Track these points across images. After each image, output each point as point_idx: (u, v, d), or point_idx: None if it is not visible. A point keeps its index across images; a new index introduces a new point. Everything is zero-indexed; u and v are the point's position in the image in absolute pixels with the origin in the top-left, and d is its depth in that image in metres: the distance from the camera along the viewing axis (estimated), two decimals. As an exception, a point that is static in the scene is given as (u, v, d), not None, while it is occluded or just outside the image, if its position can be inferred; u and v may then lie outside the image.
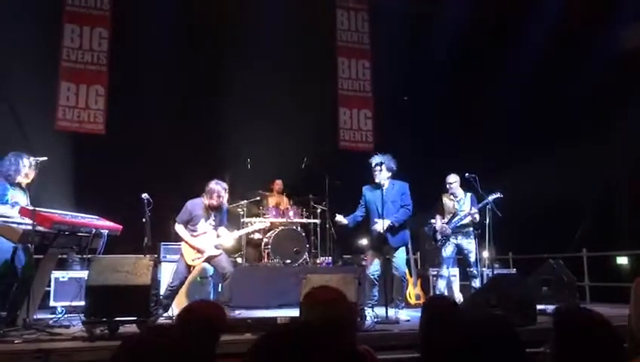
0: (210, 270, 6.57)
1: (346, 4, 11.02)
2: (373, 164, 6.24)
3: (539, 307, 5.74)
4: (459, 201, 7.13)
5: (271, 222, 8.61)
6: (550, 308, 5.98)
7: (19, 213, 5.17)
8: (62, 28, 9.15)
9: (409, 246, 6.72)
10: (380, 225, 6.07)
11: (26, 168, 5.47)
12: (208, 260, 6.23)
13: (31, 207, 5.12)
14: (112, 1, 9.44)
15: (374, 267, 6.22)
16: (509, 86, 9.74)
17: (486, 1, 9.78)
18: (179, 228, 6.23)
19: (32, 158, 5.54)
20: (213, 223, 6.27)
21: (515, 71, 9.78)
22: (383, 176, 6.15)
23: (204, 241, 6.19)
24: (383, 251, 6.17)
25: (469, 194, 7.14)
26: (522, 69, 9.85)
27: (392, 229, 6.12)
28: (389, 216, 6.10)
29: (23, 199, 5.45)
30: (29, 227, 4.97)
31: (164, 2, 8.89)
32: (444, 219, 7.14)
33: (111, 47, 9.36)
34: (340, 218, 6.40)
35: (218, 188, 6.17)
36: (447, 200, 7.23)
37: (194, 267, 6.27)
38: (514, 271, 8.68)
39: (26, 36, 8.08)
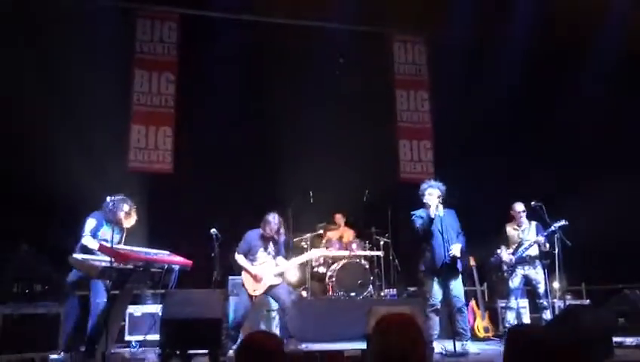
0: (274, 303, 6.69)
1: (403, 36, 11.14)
2: (436, 187, 6.20)
3: (615, 339, 5.52)
4: (523, 231, 6.99)
5: (334, 256, 8.70)
6: (628, 340, 5.73)
7: (98, 249, 5.47)
8: (132, 74, 9.67)
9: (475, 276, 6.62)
10: (457, 249, 6.00)
11: (123, 212, 5.82)
12: (269, 290, 6.34)
13: (109, 244, 5.40)
14: (178, 47, 9.90)
15: (437, 295, 6.11)
16: (573, 112, 9.52)
17: (545, 29, 9.65)
18: (239, 258, 6.40)
19: (131, 204, 5.89)
20: (272, 253, 6.43)
21: (578, 96, 9.57)
22: (438, 202, 6.10)
23: (263, 270, 6.34)
24: (445, 277, 6.06)
25: (533, 223, 6.99)
26: (586, 94, 9.62)
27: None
28: (452, 241, 6.04)
29: (115, 238, 5.77)
30: (108, 264, 5.23)
31: (225, 45, 9.30)
32: (509, 249, 7.01)
33: (177, 90, 9.79)
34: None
35: (273, 219, 6.37)
36: (511, 230, 7.11)
37: (256, 297, 6.38)
38: (587, 302, 8.36)
39: (100, 82, 8.57)
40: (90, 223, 5.76)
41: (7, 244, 5.88)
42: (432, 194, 6.14)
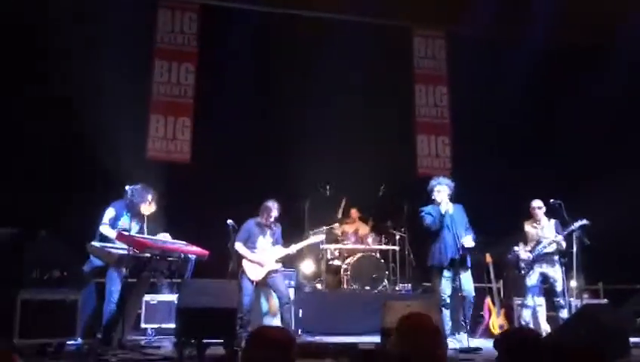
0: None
1: (424, 31, 11.05)
2: (446, 185, 6.24)
3: (632, 339, 5.45)
4: (542, 229, 6.93)
5: (350, 249, 8.70)
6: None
7: (116, 237, 5.52)
8: (153, 64, 9.72)
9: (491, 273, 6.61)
10: (469, 241, 6.07)
11: (147, 201, 5.88)
12: (268, 275, 6.43)
13: (126, 233, 5.45)
14: (198, 38, 9.92)
15: (446, 290, 6.14)
16: (592, 110, 9.41)
17: (567, 27, 9.51)
18: (238, 246, 6.51)
19: (152, 193, 5.94)
20: (272, 241, 6.56)
21: (599, 94, 9.43)
22: (447, 198, 6.20)
23: (263, 256, 6.45)
24: (455, 272, 6.14)
25: (552, 221, 6.93)
26: (608, 91, 9.48)
27: (467, 248, 6.13)
28: (461, 236, 6.11)
29: (133, 228, 5.83)
30: (125, 252, 5.28)
31: (243, 36, 9.32)
32: (527, 246, 6.95)
33: (196, 81, 9.83)
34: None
35: (272, 205, 6.55)
36: (529, 228, 7.04)
37: (258, 282, 6.46)
38: (604, 301, 8.27)
39: (121, 70, 8.63)
40: (110, 213, 5.80)
41: (26, 231, 5.96)
42: (441, 191, 6.24)
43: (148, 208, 5.89)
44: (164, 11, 9.93)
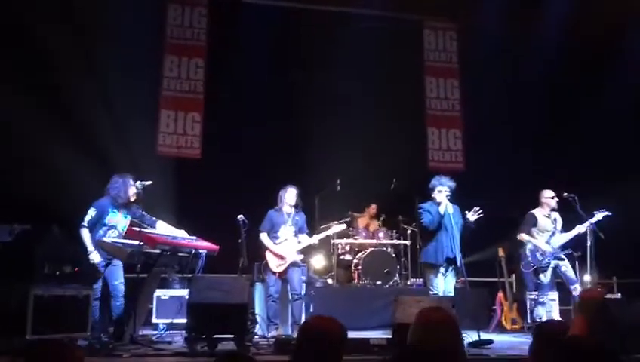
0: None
1: (434, 23, 10.96)
2: (447, 186, 6.21)
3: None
4: (554, 220, 6.82)
5: (361, 244, 8.68)
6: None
7: (126, 233, 5.53)
8: (163, 59, 9.71)
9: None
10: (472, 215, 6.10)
11: (133, 189, 5.87)
12: (291, 266, 6.46)
13: (137, 228, 5.46)
14: (208, 33, 9.90)
15: (439, 287, 6.13)
16: (603, 105, 9.30)
17: (580, 21, 9.38)
18: (263, 237, 6.56)
19: (138, 182, 5.92)
20: (294, 229, 6.58)
21: (612, 89, 9.31)
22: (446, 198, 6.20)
23: (286, 248, 6.49)
24: (445, 272, 6.15)
25: (557, 214, 6.83)
26: (620, 87, 9.33)
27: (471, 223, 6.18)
28: (457, 238, 6.10)
29: (122, 222, 5.82)
30: (136, 247, 5.29)
31: (252, 31, 9.28)
32: (542, 237, 6.80)
33: (206, 76, 9.81)
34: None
35: (280, 192, 6.62)
36: (541, 217, 6.86)
37: (281, 273, 6.48)
38: (619, 296, 8.17)
39: (133, 66, 8.65)
40: (90, 214, 5.70)
41: (38, 226, 5.99)
42: (442, 191, 6.21)
43: (134, 193, 5.87)
44: (174, 6, 9.93)
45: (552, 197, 6.83)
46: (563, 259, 6.68)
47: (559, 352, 2.02)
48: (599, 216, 6.57)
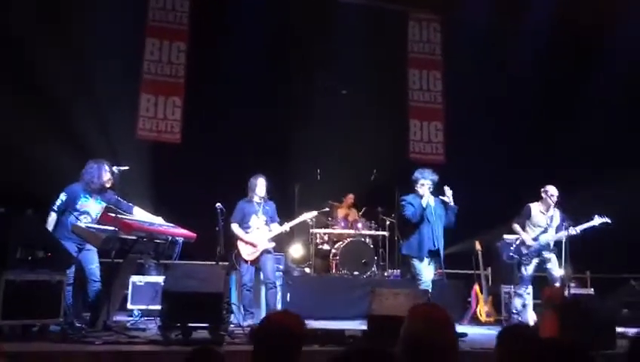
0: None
1: (418, 15, 10.93)
2: (430, 180, 6.24)
3: (619, 330, 5.47)
4: (551, 218, 6.74)
5: (339, 234, 8.68)
6: (631, 331, 5.70)
7: (101, 218, 5.45)
8: (144, 41, 9.56)
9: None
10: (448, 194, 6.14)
11: (108, 175, 5.79)
12: (262, 254, 6.49)
13: (113, 214, 5.39)
14: (190, 16, 9.76)
15: (425, 275, 6.17)
16: (587, 100, 9.37)
17: (565, 13, 9.41)
18: (234, 227, 6.57)
19: (114, 167, 5.84)
20: (265, 218, 6.60)
21: (596, 83, 9.37)
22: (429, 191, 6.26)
23: (257, 236, 6.53)
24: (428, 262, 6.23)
25: (558, 211, 6.80)
26: (606, 80, 9.39)
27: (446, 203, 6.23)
28: (439, 230, 6.19)
29: (95, 208, 5.74)
30: (111, 233, 5.22)
31: (237, 17, 9.19)
32: (531, 233, 6.72)
33: (188, 61, 9.68)
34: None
35: (252, 181, 6.63)
36: (537, 212, 6.77)
37: (252, 261, 6.50)
38: (592, 291, 8.30)
39: (112, 48, 8.49)
40: (61, 198, 5.67)
41: (12, 209, 5.88)
42: (425, 185, 6.25)
43: (104, 185, 5.81)
44: (155, -12, 9.76)
45: (553, 195, 6.70)
46: (549, 258, 6.68)
47: (529, 353, 2.03)
48: (597, 221, 6.56)
